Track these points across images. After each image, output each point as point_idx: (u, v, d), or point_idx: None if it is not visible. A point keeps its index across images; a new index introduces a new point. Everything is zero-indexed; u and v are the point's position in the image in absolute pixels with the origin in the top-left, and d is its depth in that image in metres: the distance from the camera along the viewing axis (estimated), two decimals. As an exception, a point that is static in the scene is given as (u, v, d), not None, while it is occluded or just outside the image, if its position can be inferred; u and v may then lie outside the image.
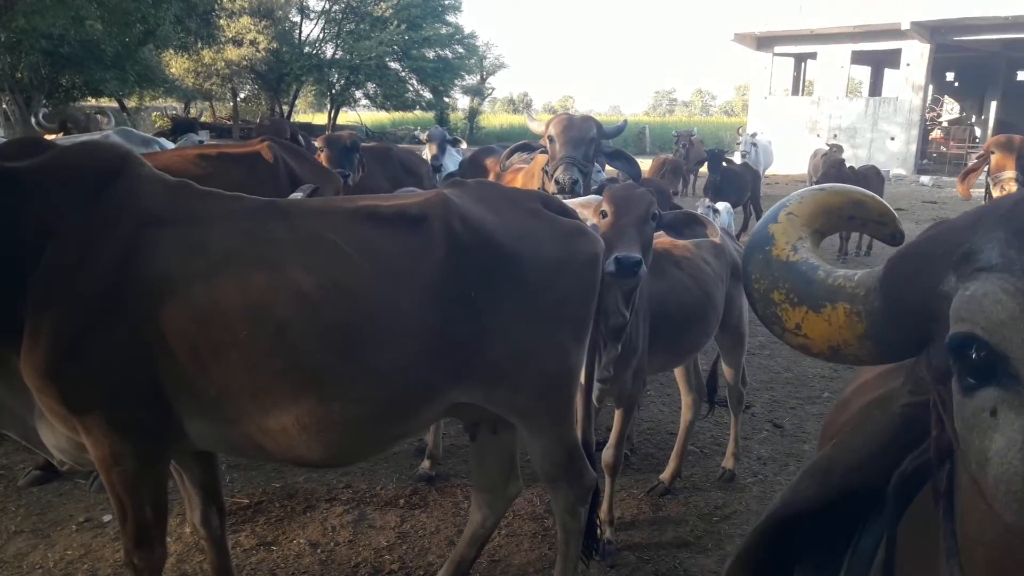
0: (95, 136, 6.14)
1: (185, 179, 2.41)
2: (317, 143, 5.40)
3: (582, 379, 2.79)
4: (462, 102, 48.13)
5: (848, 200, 1.08)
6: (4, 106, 20.52)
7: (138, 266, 2.18)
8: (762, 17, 30.08)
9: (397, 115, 45.14)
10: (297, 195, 3.67)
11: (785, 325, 0.96)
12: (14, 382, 2.27)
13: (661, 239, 3.40)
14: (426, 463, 4.15)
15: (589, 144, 5.09)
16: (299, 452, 2.32)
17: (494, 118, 54.91)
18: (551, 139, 5.12)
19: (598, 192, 5.20)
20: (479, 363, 2.43)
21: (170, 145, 6.43)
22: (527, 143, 5.37)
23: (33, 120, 9.31)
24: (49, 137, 8.66)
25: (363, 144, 7.14)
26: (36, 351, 2.15)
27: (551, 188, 5.00)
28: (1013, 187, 6.32)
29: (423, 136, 8.27)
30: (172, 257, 2.20)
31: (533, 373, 2.51)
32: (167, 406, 2.24)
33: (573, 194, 4.87)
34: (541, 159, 5.38)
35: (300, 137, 6.38)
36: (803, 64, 33.39)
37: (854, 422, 1.28)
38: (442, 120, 45.35)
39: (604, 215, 2.96)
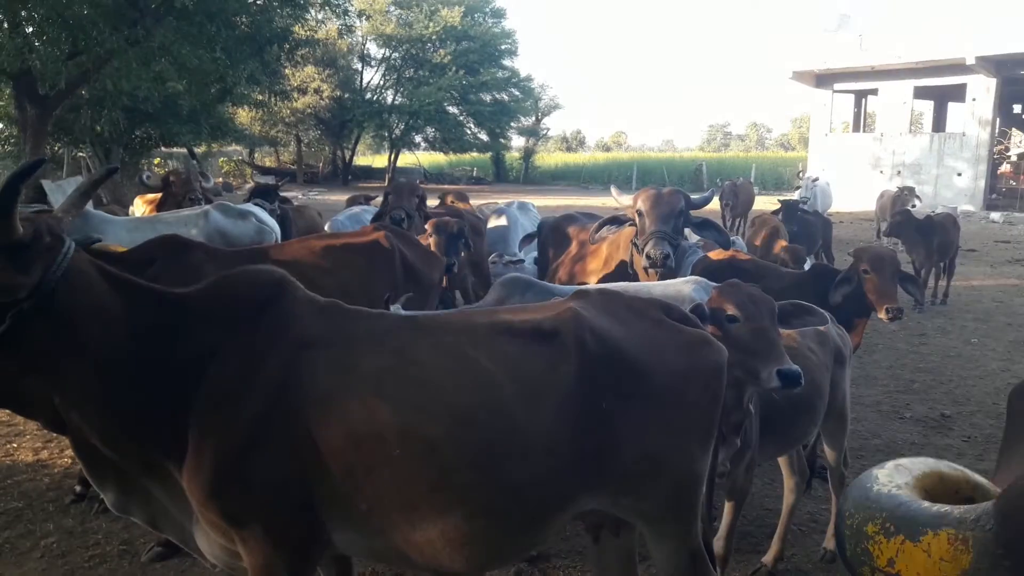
0: (194, 210, 6.39)
1: (334, 299, 2.55)
2: (427, 226, 5.52)
3: (703, 481, 2.82)
4: (517, 142, 48.70)
5: (967, 482, 1.01)
6: (85, 158, 21.52)
7: (296, 388, 2.31)
8: (821, 54, 29.90)
9: (454, 156, 45.87)
10: (396, 307, 3.79)
11: (876, 562, 0.88)
12: (176, 493, 2.42)
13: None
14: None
15: (678, 217, 5.18)
16: (441, 562, 2.41)
17: (549, 157, 55.36)
18: (640, 213, 5.21)
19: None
20: (609, 472, 2.50)
21: (264, 215, 6.64)
22: (616, 216, 5.47)
23: (138, 179, 9.78)
24: (150, 197, 9.08)
25: (431, 210, 7.40)
26: (199, 469, 2.29)
27: (642, 263, 5.09)
28: None
29: (489, 211, 8.53)
30: (327, 378, 2.33)
31: (661, 480, 2.57)
32: (319, 518, 2.36)
33: (665, 268, 4.94)
34: (628, 231, 5.47)
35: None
36: (864, 100, 33.05)
37: None
38: (498, 160, 45.97)
39: (732, 320, 3.02)
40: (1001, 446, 1.42)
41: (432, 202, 9.66)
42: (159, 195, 8.78)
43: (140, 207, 9.31)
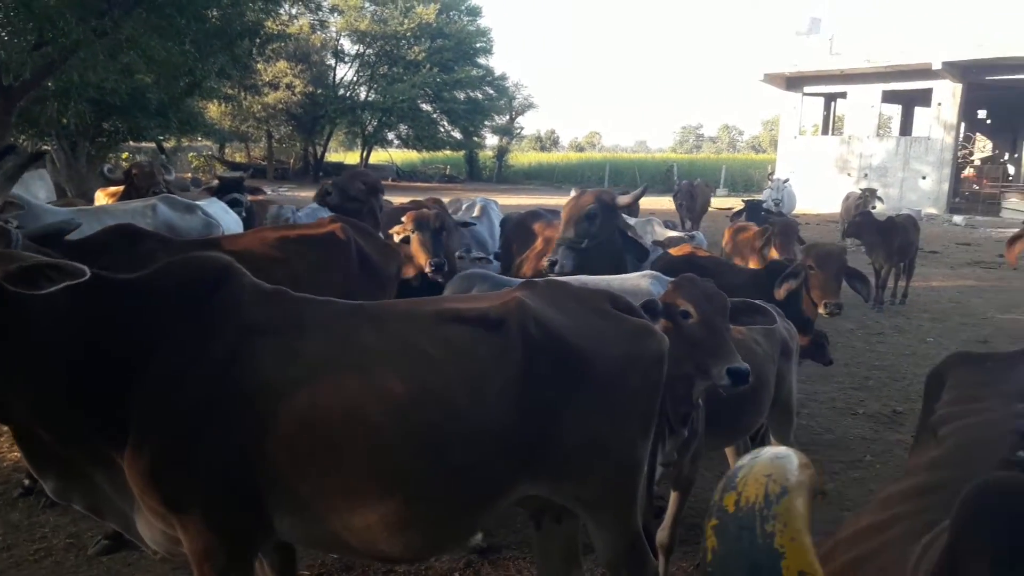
0: (142, 202, 6.29)
1: (280, 286, 2.56)
2: (404, 219, 5.41)
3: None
4: (490, 141, 48.63)
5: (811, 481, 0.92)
6: (51, 151, 21.16)
7: (240, 374, 2.32)
8: (792, 58, 30.23)
9: (427, 154, 45.72)
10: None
11: None
12: (119, 480, 2.42)
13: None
14: (479, 535, 4.23)
15: (588, 220, 5.23)
16: (381, 548, 2.43)
17: (522, 156, 55.29)
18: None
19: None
20: (550, 458, 2.54)
21: (212, 209, 6.53)
22: None
23: (99, 172, 9.59)
24: (112, 190, 8.96)
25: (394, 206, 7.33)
26: (141, 456, 2.29)
27: None
28: None
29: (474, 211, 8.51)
30: (271, 365, 2.35)
31: (601, 467, 2.61)
32: (260, 505, 2.37)
33: (560, 275, 4.93)
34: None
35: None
36: (833, 103, 33.45)
37: None
38: (471, 158, 45.92)
39: (685, 315, 3.06)
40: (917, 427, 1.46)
41: (398, 199, 9.63)
42: (121, 188, 8.68)
43: (102, 200, 9.18)
